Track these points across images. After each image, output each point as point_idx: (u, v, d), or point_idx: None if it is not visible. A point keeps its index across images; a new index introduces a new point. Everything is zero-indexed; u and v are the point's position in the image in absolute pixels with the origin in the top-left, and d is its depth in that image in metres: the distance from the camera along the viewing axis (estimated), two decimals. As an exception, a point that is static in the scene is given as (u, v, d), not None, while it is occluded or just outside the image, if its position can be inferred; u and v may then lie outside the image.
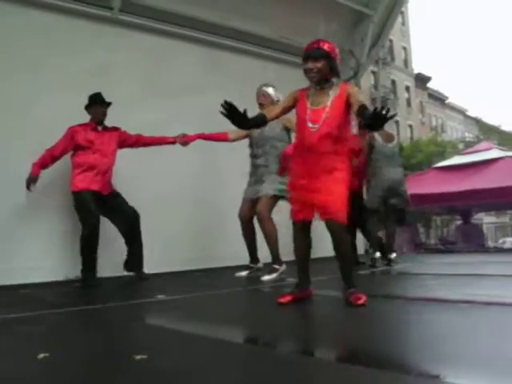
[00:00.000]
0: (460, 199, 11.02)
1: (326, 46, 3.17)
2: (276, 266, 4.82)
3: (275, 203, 4.86)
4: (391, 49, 38.68)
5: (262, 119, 3.10)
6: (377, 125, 2.90)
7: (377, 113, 2.75)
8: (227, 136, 5.18)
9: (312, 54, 3.16)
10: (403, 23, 40.92)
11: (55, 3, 5.39)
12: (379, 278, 5.25)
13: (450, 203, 11.97)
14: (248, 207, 5.06)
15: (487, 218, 28.79)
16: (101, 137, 4.98)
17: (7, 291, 4.30)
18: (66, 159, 4.94)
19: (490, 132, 35.75)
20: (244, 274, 5.18)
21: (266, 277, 4.77)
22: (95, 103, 5.01)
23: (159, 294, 3.86)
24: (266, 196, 4.85)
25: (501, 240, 24.97)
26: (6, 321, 2.94)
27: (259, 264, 5.25)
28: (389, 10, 8.22)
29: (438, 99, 46.33)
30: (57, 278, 4.94)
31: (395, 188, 5.96)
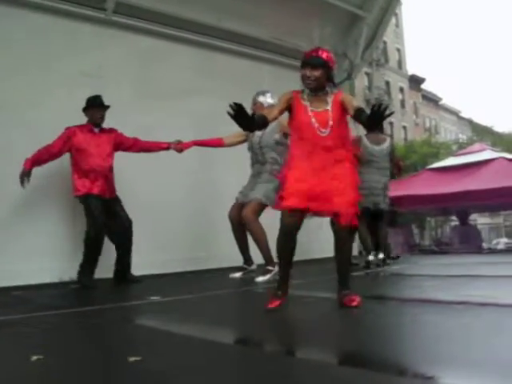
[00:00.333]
0: (454, 200, 11.03)
1: (325, 55, 3.18)
2: (269, 268, 4.82)
3: (263, 209, 4.88)
4: (385, 50, 38.76)
5: (264, 120, 3.08)
6: (375, 123, 3.00)
7: (374, 111, 2.80)
8: (222, 142, 5.19)
9: (310, 62, 3.16)
10: (397, 25, 41.01)
11: (49, 4, 5.35)
12: (373, 280, 5.25)
13: (444, 204, 11.99)
14: (237, 209, 5.06)
15: (481, 219, 28.85)
16: (98, 139, 4.91)
17: (-1, 293, 4.28)
18: (63, 160, 4.89)
19: (483, 133, 35.89)
20: (238, 276, 5.18)
21: (260, 278, 4.77)
22: (94, 106, 4.94)
23: (153, 296, 3.85)
24: (255, 201, 4.87)
25: (494, 241, 25.09)
26: (-1, 323, 2.92)
27: (253, 265, 5.26)
28: (383, 12, 8.22)
29: (432, 100, 46.47)
30: (50, 280, 4.90)
31: (375, 188, 5.98)
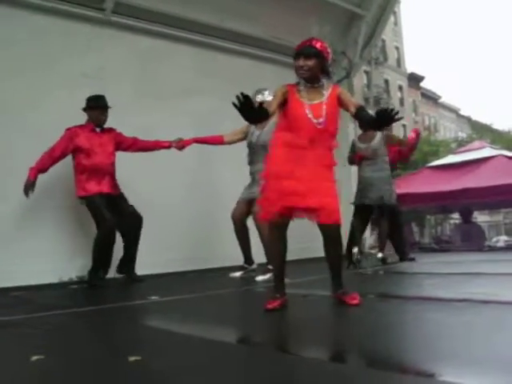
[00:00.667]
0: (454, 198, 11.01)
1: (319, 45, 3.15)
2: (270, 267, 4.80)
3: None
4: (384, 49, 38.75)
5: (266, 113, 3.05)
6: (382, 126, 3.07)
7: (384, 115, 2.88)
8: (222, 139, 5.19)
9: (304, 52, 3.13)
10: (396, 23, 41.01)
11: (48, 5, 5.34)
12: (374, 278, 5.24)
13: (444, 202, 11.97)
14: (241, 208, 5.06)
15: (480, 217, 28.86)
16: (100, 138, 4.95)
17: None
18: (63, 161, 4.88)
19: (482, 131, 35.89)
20: (238, 275, 5.18)
21: (260, 277, 4.77)
22: (99, 107, 4.95)
23: (153, 296, 3.85)
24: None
25: (494, 239, 25.04)
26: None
27: (253, 265, 5.25)
28: (381, 10, 8.21)
29: (431, 98, 46.46)
30: (51, 281, 4.89)
31: (370, 185, 5.97)
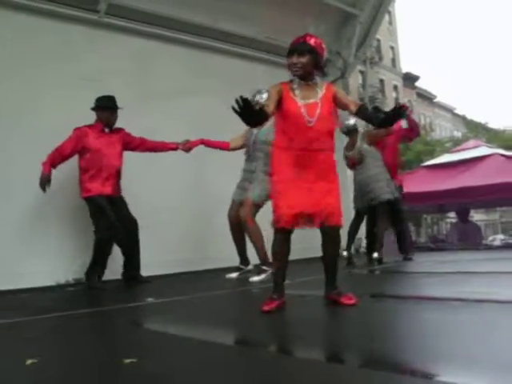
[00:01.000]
0: (450, 197, 11.02)
1: (313, 41, 3.10)
2: (265, 268, 4.80)
3: (259, 208, 4.86)
4: (379, 48, 38.78)
5: (266, 115, 3.01)
6: (393, 121, 3.08)
7: (397, 112, 2.91)
8: (228, 145, 5.24)
9: (297, 49, 3.08)
10: (390, 22, 41.05)
11: (40, 6, 5.32)
12: (370, 277, 5.25)
13: (440, 201, 11.98)
14: (236, 209, 5.06)
15: (477, 216, 28.93)
16: (109, 139, 4.94)
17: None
18: (67, 162, 4.87)
19: (478, 129, 35.93)
20: (234, 276, 5.16)
21: (255, 278, 4.76)
22: (110, 108, 4.97)
23: (149, 297, 3.84)
24: (250, 199, 4.86)
25: (490, 237, 25.13)
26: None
27: (249, 266, 5.25)
28: (376, 10, 8.22)
29: (427, 98, 46.51)
30: (48, 283, 4.88)
31: (361, 187, 5.98)
